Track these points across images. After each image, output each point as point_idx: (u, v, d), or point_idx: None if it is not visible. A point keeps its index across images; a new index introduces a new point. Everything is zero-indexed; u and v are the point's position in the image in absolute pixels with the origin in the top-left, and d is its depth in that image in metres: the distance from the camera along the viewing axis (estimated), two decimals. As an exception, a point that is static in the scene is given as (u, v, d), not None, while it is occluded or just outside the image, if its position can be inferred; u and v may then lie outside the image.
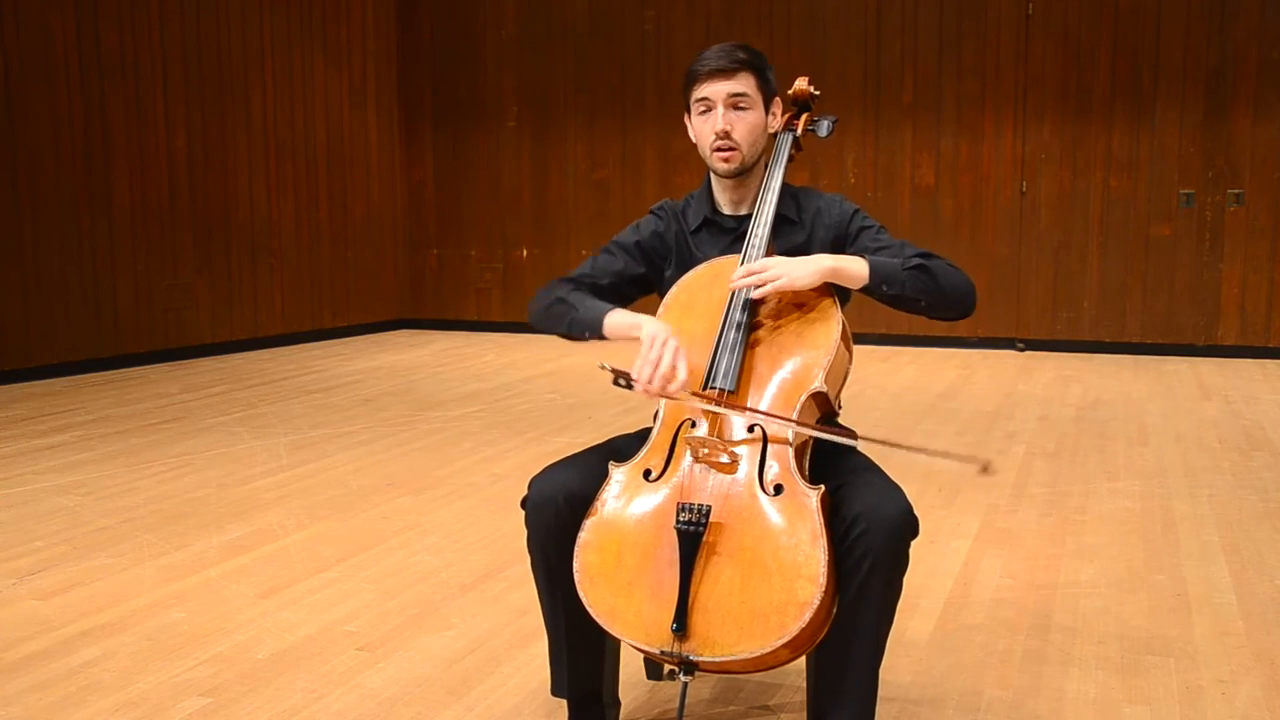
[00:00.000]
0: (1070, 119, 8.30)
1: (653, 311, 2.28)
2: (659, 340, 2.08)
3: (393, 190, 9.83)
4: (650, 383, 2.05)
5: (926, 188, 8.65)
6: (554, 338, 2.36)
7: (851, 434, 2.34)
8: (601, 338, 2.24)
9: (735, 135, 2.25)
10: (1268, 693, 2.58)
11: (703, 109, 2.28)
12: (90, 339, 7.32)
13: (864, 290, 2.18)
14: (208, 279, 8.16)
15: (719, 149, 2.26)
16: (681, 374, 2.05)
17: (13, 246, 6.87)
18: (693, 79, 2.28)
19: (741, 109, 2.25)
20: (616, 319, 2.22)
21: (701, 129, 2.29)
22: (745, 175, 2.31)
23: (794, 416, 2.07)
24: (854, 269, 2.16)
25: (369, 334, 9.55)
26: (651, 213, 2.44)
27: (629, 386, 2.07)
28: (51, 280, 7.08)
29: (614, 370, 2.07)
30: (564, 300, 2.30)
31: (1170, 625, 2.99)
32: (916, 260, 2.18)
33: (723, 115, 2.24)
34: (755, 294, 2.13)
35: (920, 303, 2.19)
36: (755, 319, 2.18)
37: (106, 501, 4.20)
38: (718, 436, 2.09)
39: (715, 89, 2.24)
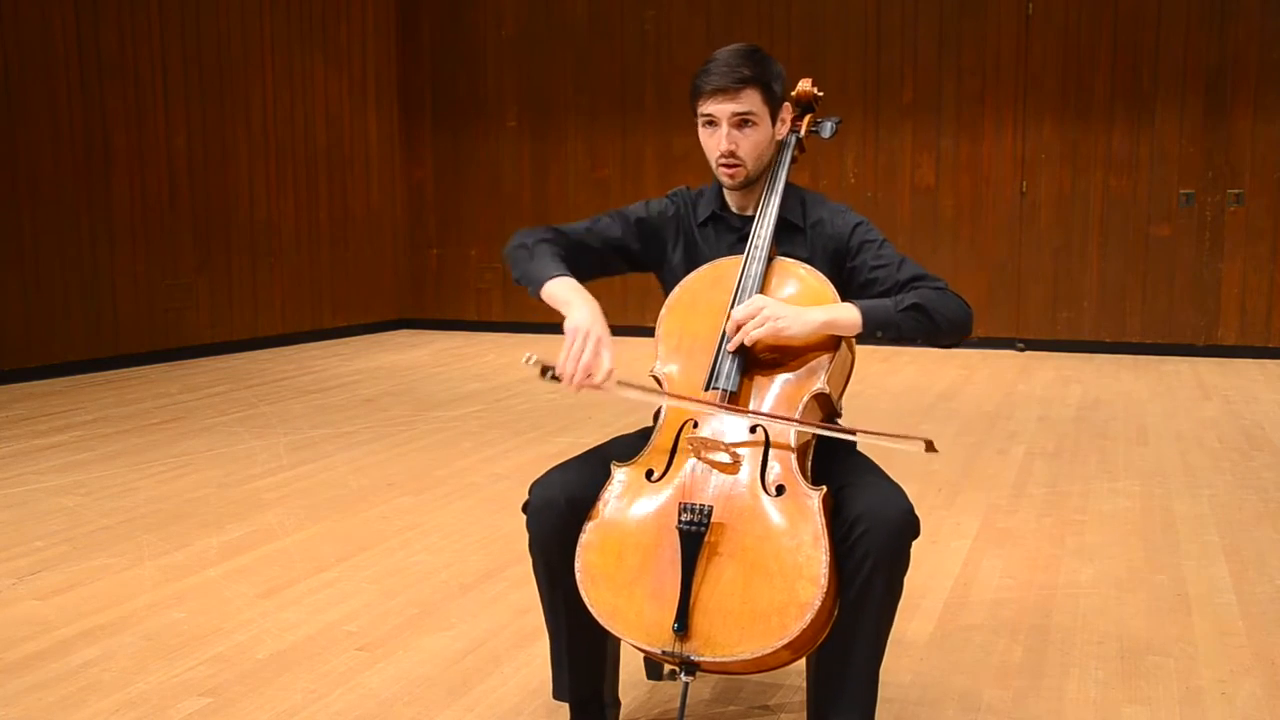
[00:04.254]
0: (1070, 119, 8.30)
1: (657, 308, 2.28)
2: (580, 332, 2.07)
3: (393, 190, 9.83)
4: (573, 378, 2.04)
5: (926, 188, 8.65)
6: (554, 338, 2.36)
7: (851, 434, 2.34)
8: (539, 298, 2.23)
9: (740, 153, 2.24)
10: (1268, 693, 2.58)
11: (707, 122, 2.26)
12: (90, 339, 7.32)
13: (858, 337, 2.17)
14: (208, 279, 8.15)
15: (723, 165, 2.26)
16: (605, 364, 2.05)
17: (13, 246, 6.87)
18: (697, 92, 2.24)
19: (747, 126, 2.23)
20: (555, 289, 2.19)
21: (707, 142, 2.28)
22: (753, 183, 2.31)
23: (796, 417, 2.08)
24: (847, 319, 2.13)
25: (369, 334, 9.55)
26: (667, 196, 2.44)
27: (556, 379, 2.06)
28: (51, 280, 7.08)
29: (541, 364, 2.05)
30: (528, 247, 2.28)
31: (1170, 625, 2.99)
32: (911, 300, 2.16)
33: (727, 135, 2.22)
34: (735, 345, 2.11)
35: (916, 340, 2.19)
36: None
37: (106, 501, 4.20)
38: (718, 438, 2.08)
39: (720, 108, 2.21)
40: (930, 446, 2.03)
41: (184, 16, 7.83)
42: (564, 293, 2.17)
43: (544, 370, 2.05)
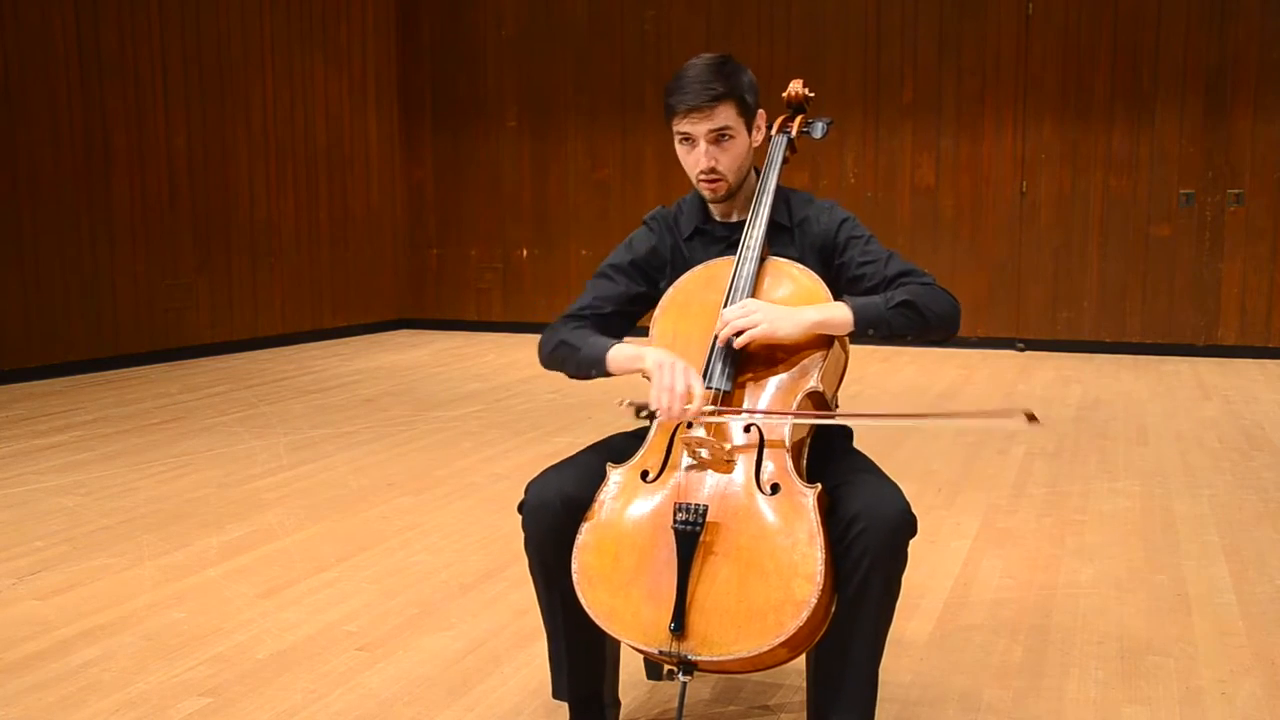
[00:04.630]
0: (1070, 119, 8.30)
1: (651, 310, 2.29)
2: (666, 365, 2.08)
3: (393, 190, 9.83)
4: (671, 409, 2.05)
5: (926, 188, 8.65)
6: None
7: (849, 432, 2.35)
8: (607, 374, 2.24)
9: (720, 168, 2.23)
10: (1268, 692, 2.58)
11: (683, 139, 2.25)
12: (90, 339, 7.32)
13: (850, 335, 2.18)
14: (208, 279, 8.16)
15: (704, 181, 2.26)
16: (698, 390, 2.05)
17: (13, 246, 6.87)
18: (670, 111, 2.23)
19: (724, 140, 2.22)
20: (618, 354, 2.21)
21: (685, 159, 2.27)
22: (734, 194, 2.31)
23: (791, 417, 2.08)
24: (838, 318, 2.13)
25: (369, 334, 9.56)
26: (644, 224, 2.42)
27: (652, 418, 2.09)
28: (51, 280, 7.09)
29: (634, 404, 2.10)
30: (567, 342, 2.29)
31: (1170, 625, 2.99)
32: (901, 297, 2.17)
33: (706, 152, 2.22)
34: (736, 343, 2.11)
35: (906, 337, 2.20)
36: None
37: (106, 501, 4.20)
38: (714, 437, 2.09)
39: (694, 127, 2.21)
40: (1032, 417, 1.99)
41: (184, 16, 7.83)
42: (630, 350, 2.20)
43: (639, 409, 2.09)
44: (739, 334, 2.10)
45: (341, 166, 9.28)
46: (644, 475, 2.09)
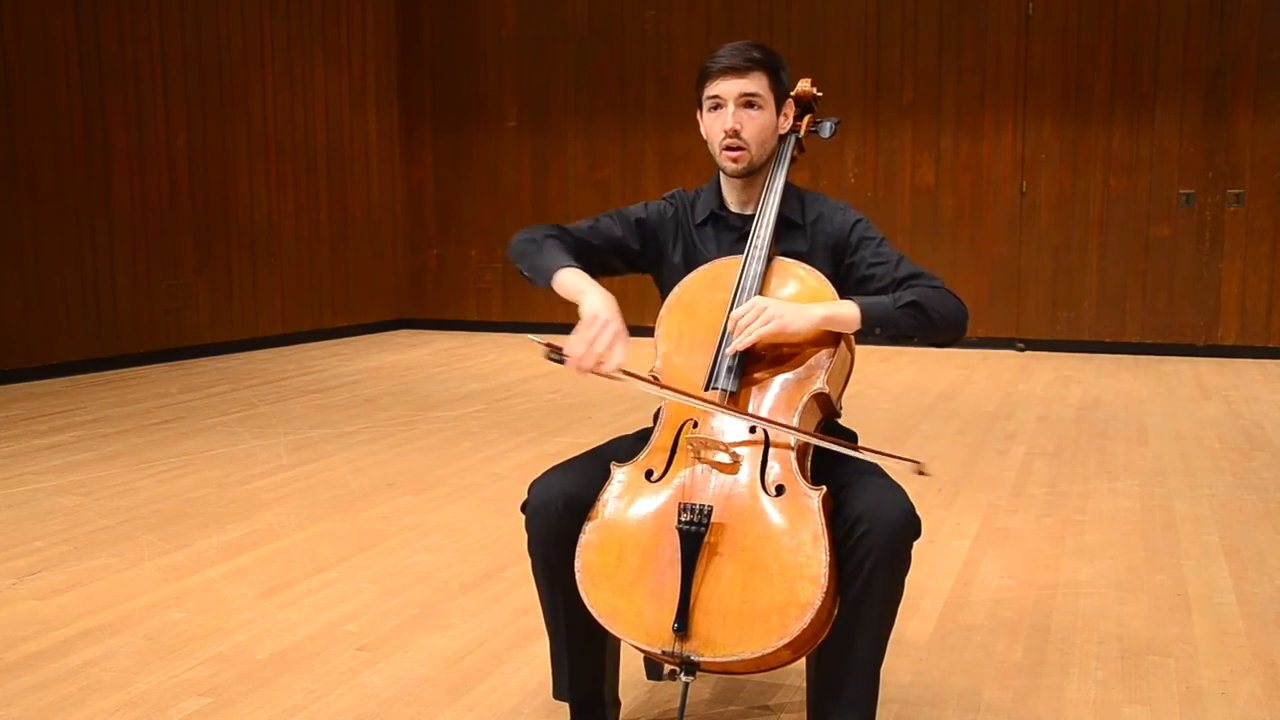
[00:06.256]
0: (1070, 119, 8.30)
1: (656, 309, 2.28)
2: (599, 320, 2.06)
3: (393, 190, 9.83)
4: (583, 360, 2.04)
5: (926, 188, 8.65)
6: (556, 336, 2.36)
7: (853, 436, 2.34)
8: (550, 288, 2.23)
9: (745, 134, 2.24)
10: (1268, 692, 2.58)
11: (713, 105, 2.27)
12: (90, 339, 7.32)
13: (857, 334, 2.18)
14: (208, 279, 8.16)
15: (728, 148, 2.26)
16: (617, 356, 2.04)
17: (13, 246, 6.87)
18: (705, 75, 2.27)
19: (752, 108, 2.25)
20: (568, 278, 2.19)
21: (712, 126, 2.28)
22: (753, 175, 2.31)
23: (796, 418, 2.08)
24: (846, 315, 2.14)
25: (369, 334, 9.55)
26: (664, 198, 2.45)
27: (561, 361, 2.05)
28: (51, 280, 7.08)
29: (546, 344, 2.04)
30: (536, 241, 2.29)
31: (1170, 625, 2.99)
32: (908, 298, 2.18)
33: (733, 114, 2.24)
34: (742, 344, 2.10)
35: (913, 337, 2.20)
36: None
37: (106, 501, 4.20)
38: (718, 438, 2.09)
39: (727, 87, 2.24)
40: (921, 470, 2.04)
41: (184, 16, 7.83)
42: (578, 282, 2.17)
43: (550, 352, 2.04)
44: (750, 330, 2.09)
45: (341, 166, 9.28)
46: (648, 475, 2.09)
